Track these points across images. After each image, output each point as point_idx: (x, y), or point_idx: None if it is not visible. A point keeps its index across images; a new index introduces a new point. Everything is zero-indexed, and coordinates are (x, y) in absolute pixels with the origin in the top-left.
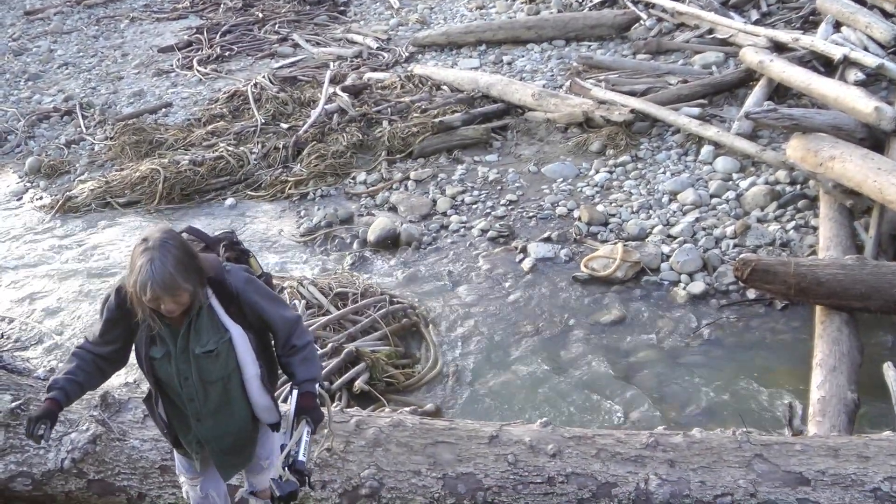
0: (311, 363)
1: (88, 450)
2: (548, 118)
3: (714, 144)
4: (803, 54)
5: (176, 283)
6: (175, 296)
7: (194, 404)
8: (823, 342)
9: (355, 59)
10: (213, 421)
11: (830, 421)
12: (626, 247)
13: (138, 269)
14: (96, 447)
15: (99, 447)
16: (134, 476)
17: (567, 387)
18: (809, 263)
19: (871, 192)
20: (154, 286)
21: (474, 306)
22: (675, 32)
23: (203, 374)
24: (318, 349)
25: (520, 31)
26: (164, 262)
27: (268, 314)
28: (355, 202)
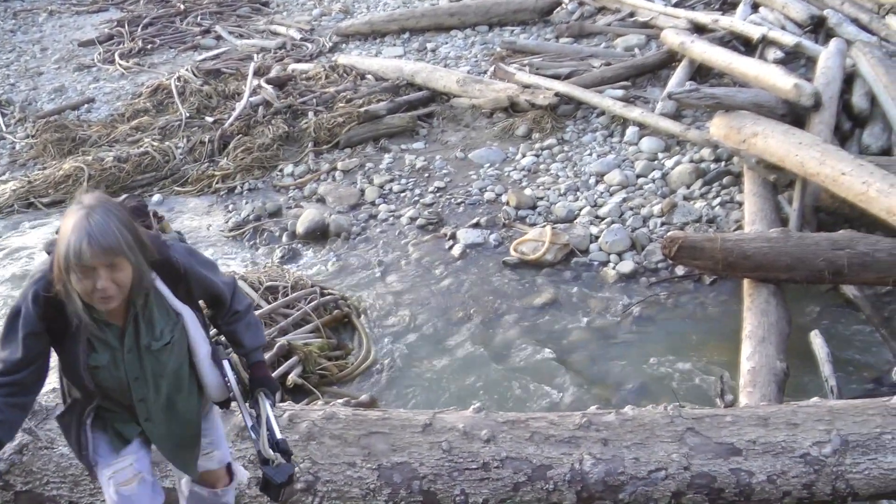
0: (256, 329)
1: (15, 461)
2: (473, 104)
3: (639, 125)
4: (723, 35)
5: (118, 244)
6: (114, 264)
7: (145, 405)
8: (752, 314)
9: (279, 51)
10: (165, 416)
11: (761, 391)
12: (555, 229)
13: (71, 229)
14: (23, 457)
15: (26, 457)
16: (64, 484)
17: (500, 371)
18: (735, 238)
19: (793, 167)
20: (93, 245)
21: (405, 294)
22: (596, 16)
23: (158, 370)
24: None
25: (443, 18)
26: (107, 218)
27: (215, 286)
28: (283, 195)
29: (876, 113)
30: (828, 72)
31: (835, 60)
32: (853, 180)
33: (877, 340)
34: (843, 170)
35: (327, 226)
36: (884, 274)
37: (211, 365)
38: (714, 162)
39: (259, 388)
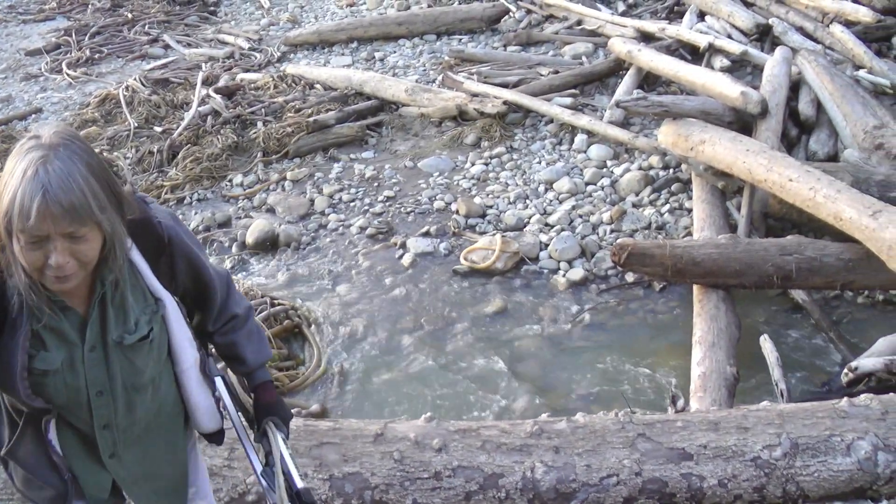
0: (260, 340)
1: None
2: (422, 113)
3: (587, 133)
4: (670, 43)
5: (86, 204)
6: (78, 232)
7: (110, 432)
8: (702, 319)
9: (227, 60)
10: (139, 450)
11: (711, 395)
12: (505, 237)
13: (19, 178)
14: None
15: None
16: None
17: (452, 380)
18: (685, 244)
19: (740, 173)
20: (49, 204)
21: (356, 304)
22: (544, 24)
23: (130, 378)
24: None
25: (391, 27)
26: (72, 166)
27: (206, 271)
28: (233, 205)
29: (822, 120)
30: (774, 80)
31: (781, 68)
32: (800, 186)
33: (826, 344)
34: (790, 176)
35: (277, 236)
36: (831, 278)
37: (200, 379)
38: (663, 169)
39: (268, 416)
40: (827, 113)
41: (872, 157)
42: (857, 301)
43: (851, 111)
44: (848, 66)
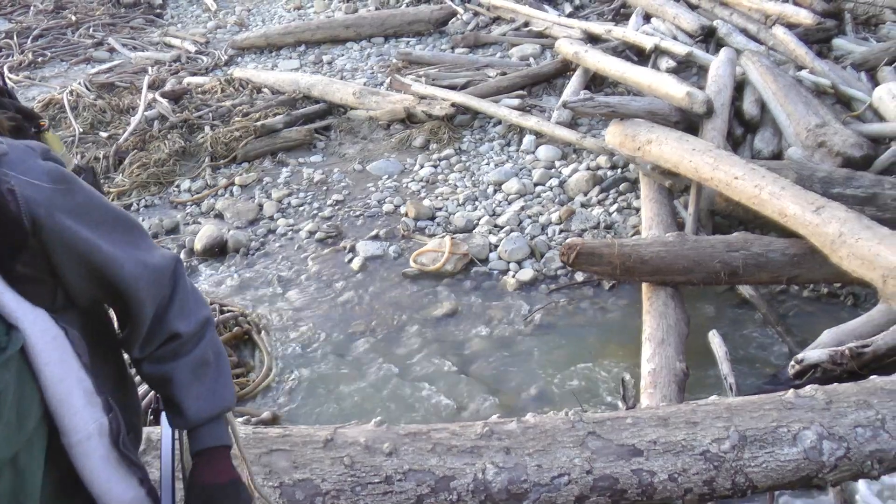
0: (217, 377)
1: None
2: (370, 116)
3: (535, 134)
4: (617, 44)
5: None
6: None
7: None
8: (651, 317)
9: (174, 64)
10: None
11: (661, 392)
12: (454, 239)
13: None
14: None
15: None
16: None
17: (403, 383)
18: (633, 243)
19: (687, 172)
20: None
21: (306, 309)
22: (491, 26)
23: None
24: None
25: (338, 30)
26: None
27: (114, 266)
28: (181, 211)
29: (766, 119)
30: (719, 80)
31: (725, 69)
32: (746, 184)
33: (773, 337)
34: (735, 174)
35: (226, 242)
36: (777, 273)
37: (111, 457)
38: (610, 169)
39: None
40: (771, 112)
41: (815, 154)
42: (803, 295)
43: (794, 110)
44: (790, 67)
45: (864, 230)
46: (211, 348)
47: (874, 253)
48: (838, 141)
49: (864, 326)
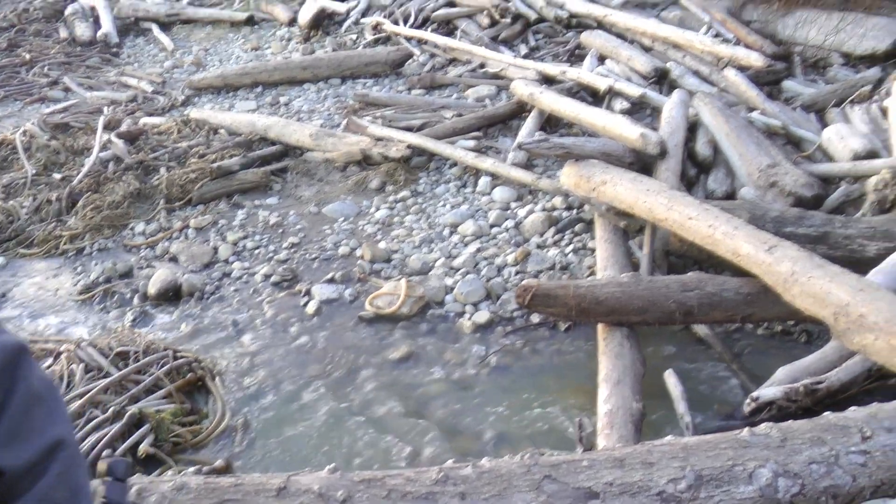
0: None
1: None
2: (326, 158)
3: (491, 175)
4: (571, 86)
5: None
6: None
7: None
8: (607, 357)
9: (130, 104)
10: None
11: (618, 432)
12: (410, 282)
13: None
14: None
15: None
16: None
17: (358, 429)
18: (588, 284)
19: (641, 213)
20: None
21: (261, 354)
22: (447, 67)
23: None
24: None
25: (296, 72)
26: None
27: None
28: (134, 254)
29: (719, 159)
30: (672, 121)
31: (678, 110)
32: (700, 224)
33: (728, 375)
34: (689, 214)
35: (180, 285)
36: (732, 312)
37: None
38: (566, 210)
39: None
40: (723, 153)
41: (767, 194)
42: (757, 333)
43: (746, 151)
44: (742, 108)
45: (816, 269)
46: (62, 488)
47: (826, 291)
48: (790, 181)
49: (817, 363)
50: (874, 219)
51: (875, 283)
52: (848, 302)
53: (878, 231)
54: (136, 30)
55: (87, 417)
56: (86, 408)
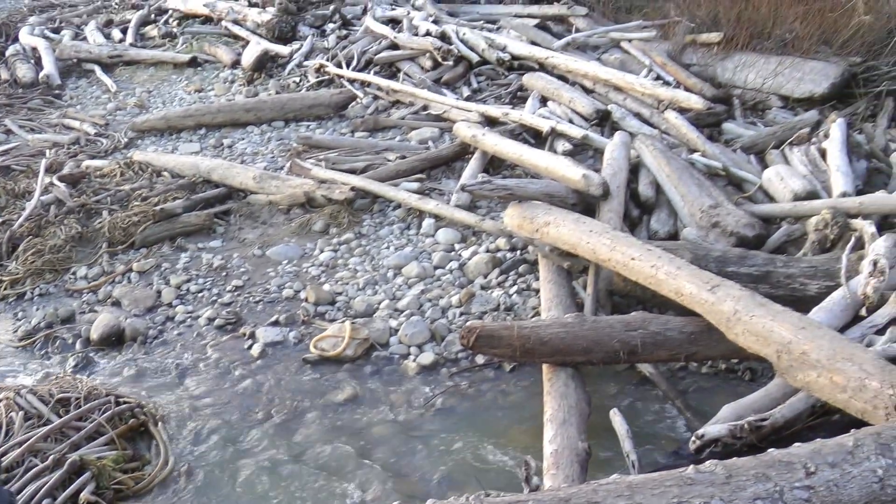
0: None
1: None
2: (270, 200)
3: (435, 217)
4: (514, 127)
5: None
6: None
7: None
8: (552, 397)
9: (72, 146)
10: None
11: (564, 472)
12: (355, 324)
13: None
14: None
15: None
16: None
17: (303, 472)
18: (532, 325)
19: (585, 253)
20: None
21: (205, 398)
22: (391, 109)
23: None
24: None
25: (239, 114)
26: None
27: None
28: (77, 299)
29: (661, 200)
30: (614, 162)
31: (620, 152)
32: (643, 265)
33: (673, 413)
34: (632, 255)
35: (123, 330)
36: (675, 351)
37: None
38: (510, 251)
39: None
40: (666, 194)
41: (710, 234)
42: (702, 371)
43: (688, 192)
44: (683, 150)
45: (758, 307)
46: None
47: (768, 329)
48: (731, 221)
49: (761, 400)
50: (815, 258)
51: (817, 321)
52: (790, 340)
53: (819, 270)
54: (78, 71)
55: (27, 466)
56: (25, 456)
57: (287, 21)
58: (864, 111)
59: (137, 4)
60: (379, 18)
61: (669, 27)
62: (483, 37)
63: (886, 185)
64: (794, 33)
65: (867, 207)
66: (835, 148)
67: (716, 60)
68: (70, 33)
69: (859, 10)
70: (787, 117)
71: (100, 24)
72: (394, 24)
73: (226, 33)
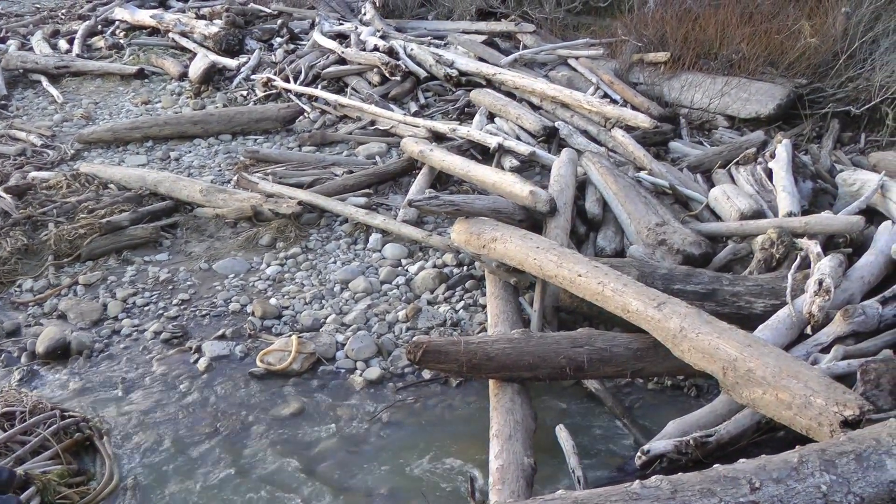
0: None
1: None
2: (217, 214)
3: (382, 232)
4: (461, 143)
5: None
6: None
7: None
8: (498, 413)
9: (18, 157)
10: None
11: (510, 487)
12: (301, 338)
13: None
14: None
15: None
16: None
17: (248, 486)
18: (479, 340)
19: (532, 269)
20: None
21: (151, 412)
22: (338, 124)
23: None
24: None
25: (186, 127)
26: None
27: None
28: (22, 311)
29: (608, 217)
30: (561, 179)
31: (567, 169)
32: (589, 281)
33: (620, 429)
34: (579, 272)
35: (69, 343)
36: (621, 367)
37: None
38: (457, 267)
39: None
40: (612, 211)
41: (656, 252)
42: (648, 387)
43: (635, 210)
44: (630, 168)
45: (705, 325)
46: None
47: (714, 346)
48: (678, 239)
49: (707, 417)
50: (761, 276)
51: (762, 339)
52: (736, 357)
53: (765, 288)
54: (24, 82)
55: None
56: None
57: (234, 34)
58: (810, 132)
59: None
60: (326, 33)
61: (617, 46)
62: (431, 52)
63: (832, 206)
64: (741, 54)
65: (813, 227)
66: (781, 168)
67: (663, 80)
68: (16, 43)
69: (805, 33)
70: (733, 137)
71: (46, 35)
72: (341, 39)
73: (173, 45)
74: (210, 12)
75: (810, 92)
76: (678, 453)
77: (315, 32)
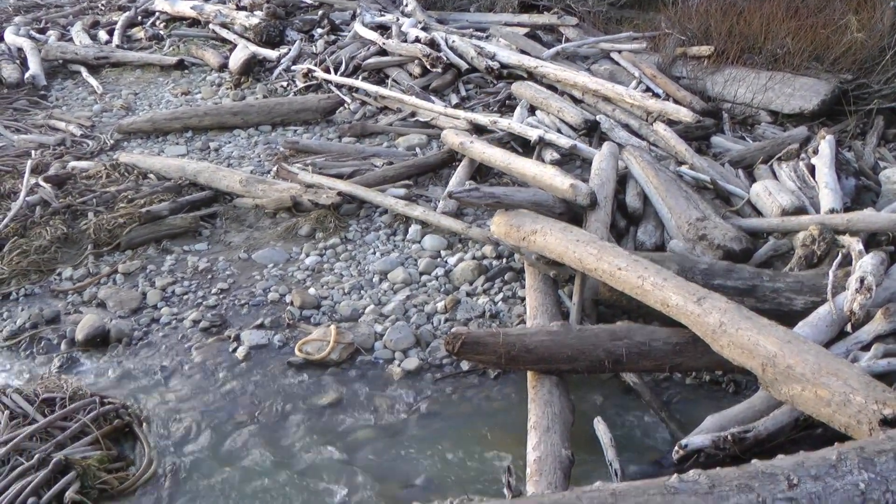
0: None
1: None
2: (256, 204)
3: (421, 223)
4: (502, 136)
5: None
6: None
7: None
8: (536, 405)
9: (58, 147)
10: None
11: (547, 479)
12: (340, 328)
13: None
14: None
15: None
16: None
17: (286, 475)
18: (518, 332)
19: (571, 262)
20: None
21: (189, 400)
22: (378, 115)
23: None
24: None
25: (226, 117)
26: None
27: None
28: (62, 300)
29: (648, 212)
30: (602, 173)
31: (608, 163)
32: (629, 275)
33: (657, 423)
34: (619, 265)
35: (108, 331)
36: (660, 361)
37: None
38: (496, 259)
39: None
40: (653, 205)
41: (696, 247)
42: (686, 382)
43: (675, 204)
44: (671, 162)
45: (744, 320)
46: None
47: (754, 342)
48: (718, 234)
49: (745, 412)
50: (801, 273)
51: (802, 336)
52: (776, 353)
53: (806, 285)
54: (64, 72)
55: (12, 465)
56: (10, 455)
57: (275, 25)
58: (854, 129)
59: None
60: (368, 24)
61: (660, 39)
62: (472, 45)
63: (874, 203)
64: (786, 49)
65: (855, 224)
66: (823, 164)
67: (706, 74)
68: (56, 34)
69: (852, 28)
70: (776, 133)
71: (86, 26)
72: (382, 31)
73: (213, 36)
74: (251, 3)
75: (855, 88)
76: (715, 448)
77: (356, 23)
